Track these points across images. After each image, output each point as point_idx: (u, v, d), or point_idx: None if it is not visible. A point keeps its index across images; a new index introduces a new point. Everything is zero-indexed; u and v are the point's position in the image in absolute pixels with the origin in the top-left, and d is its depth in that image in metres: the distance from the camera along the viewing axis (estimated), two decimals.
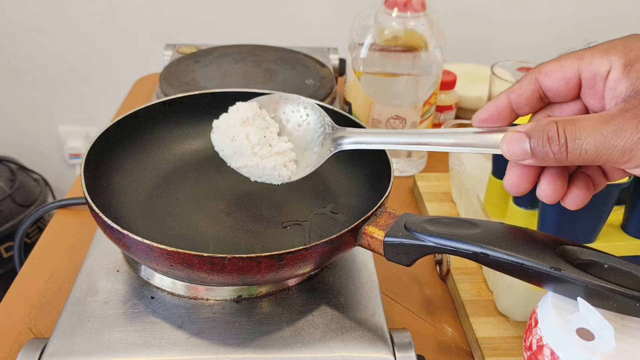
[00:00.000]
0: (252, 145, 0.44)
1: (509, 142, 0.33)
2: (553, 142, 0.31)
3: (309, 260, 0.38)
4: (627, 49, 0.31)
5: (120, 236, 0.38)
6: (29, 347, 0.40)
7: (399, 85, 0.67)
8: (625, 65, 0.30)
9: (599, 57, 0.31)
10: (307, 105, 0.46)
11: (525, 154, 0.32)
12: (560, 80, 0.33)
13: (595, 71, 0.32)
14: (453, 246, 0.37)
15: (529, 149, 0.32)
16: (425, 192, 0.67)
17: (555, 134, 0.31)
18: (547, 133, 0.31)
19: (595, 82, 0.32)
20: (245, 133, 0.44)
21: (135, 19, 1.18)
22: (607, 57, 0.31)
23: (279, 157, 0.45)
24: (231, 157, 0.46)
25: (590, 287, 0.33)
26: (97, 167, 0.47)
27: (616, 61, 0.31)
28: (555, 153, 0.31)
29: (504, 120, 0.36)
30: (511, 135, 0.33)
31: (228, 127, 0.45)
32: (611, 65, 0.31)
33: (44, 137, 1.34)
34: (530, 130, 0.32)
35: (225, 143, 0.46)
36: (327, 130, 0.45)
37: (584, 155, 0.30)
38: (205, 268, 0.37)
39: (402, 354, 0.40)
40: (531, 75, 0.34)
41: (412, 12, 0.64)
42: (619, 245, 0.49)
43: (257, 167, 0.45)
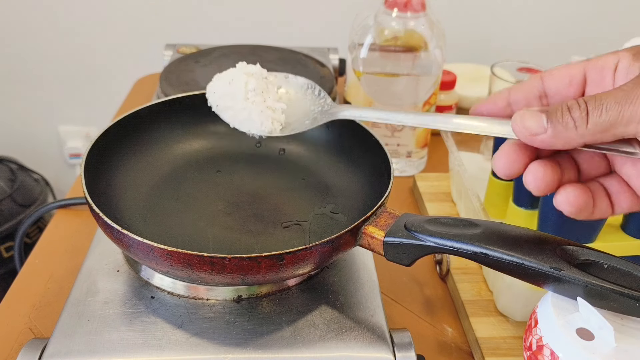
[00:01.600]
0: (246, 91, 0.44)
1: (523, 117, 0.32)
2: (573, 109, 0.30)
3: (308, 260, 0.38)
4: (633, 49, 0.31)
5: (120, 236, 0.38)
6: (29, 347, 0.40)
7: (399, 85, 0.67)
8: (634, 55, 0.31)
9: (606, 56, 0.32)
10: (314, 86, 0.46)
11: (541, 127, 0.31)
12: (564, 78, 0.33)
13: (603, 65, 0.32)
14: (453, 246, 0.37)
15: (545, 122, 0.31)
16: (425, 192, 0.67)
17: (574, 103, 0.30)
18: (566, 104, 0.30)
19: (603, 76, 0.32)
20: (245, 80, 0.44)
21: (135, 19, 1.18)
22: (614, 54, 0.32)
23: (269, 111, 0.44)
24: (220, 98, 0.45)
25: (590, 287, 0.33)
26: (98, 166, 0.47)
27: (624, 54, 0.31)
28: (576, 119, 0.30)
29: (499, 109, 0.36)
30: (525, 111, 0.32)
31: (230, 74, 0.45)
32: (619, 58, 0.31)
33: (44, 137, 1.34)
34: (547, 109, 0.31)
35: (221, 85, 0.45)
36: (325, 108, 0.44)
37: (604, 116, 0.29)
38: (205, 268, 0.37)
39: (402, 354, 0.40)
40: (537, 75, 0.35)
41: (412, 12, 0.64)
42: (619, 245, 0.49)
43: (243, 109, 0.44)
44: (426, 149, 0.73)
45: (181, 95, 0.55)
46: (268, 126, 0.44)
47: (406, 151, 0.71)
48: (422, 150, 0.72)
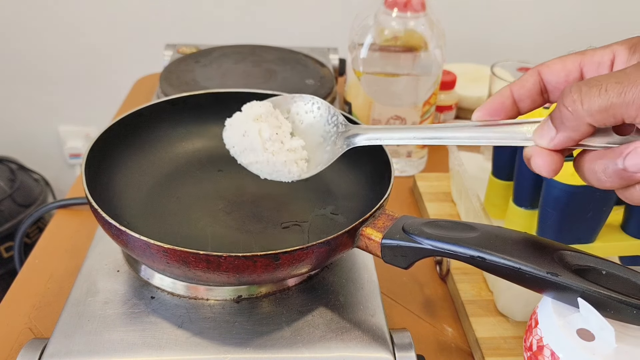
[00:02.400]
0: (263, 141, 0.43)
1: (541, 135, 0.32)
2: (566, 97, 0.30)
3: (305, 260, 0.38)
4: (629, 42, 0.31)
5: (118, 232, 0.38)
6: (29, 347, 0.40)
7: (399, 85, 0.67)
8: (629, 48, 0.31)
9: (602, 50, 0.32)
10: (321, 105, 0.45)
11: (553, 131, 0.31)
12: (561, 72, 0.33)
13: (599, 61, 0.32)
14: (450, 249, 0.37)
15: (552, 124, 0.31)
16: (426, 192, 0.67)
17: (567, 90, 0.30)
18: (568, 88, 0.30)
19: (600, 72, 0.32)
20: (257, 129, 0.43)
21: (135, 19, 1.18)
22: (609, 48, 0.32)
23: (291, 154, 0.44)
24: (242, 153, 0.45)
25: (588, 293, 0.33)
26: (99, 164, 0.47)
27: (619, 49, 0.31)
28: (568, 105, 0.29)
29: (507, 114, 0.35)
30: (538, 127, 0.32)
31: (240, 123, 0.44)
32: (614, 53, 0.31)
33: (44, 137, 1.34)
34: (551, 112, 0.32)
35: (237, 139, 0.45)
36: (340, 129, 0.44)
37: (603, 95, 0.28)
38: (201, 266, 0.37)
39: (402, 354, 0.40)
40: (534, 69, 0.35)
41: (412, 12, 0.64)
42: (619, 245, 0.49)
43: (267, 162, 0.44)
44: (426, 149, 0.73)
45: (185, 94, 0.55)
46: (295, 171, 0.44)
47: (406, 151, 0.71)
48: (422, 150, 0.72)
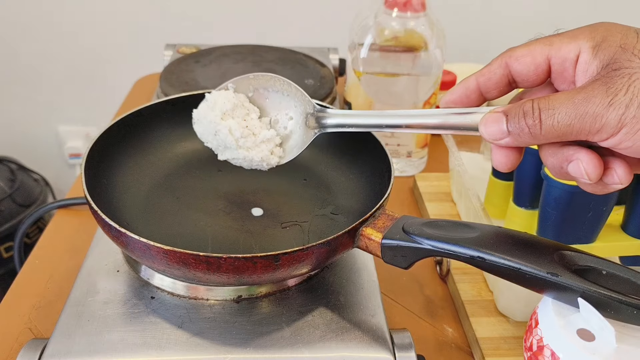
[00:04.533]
0: (235, 139, 0.44)
1: (486, 123, 0.33)
2: (527, 116, 0.31)
3: (305, 261, 0.38)
4: (593, 33, 0.31)
5: (117, 234, 0.38)
6: (29, 347, 0.40)
7: (399, 85, 0.67)
8: (593, 47, 0.31)
9: (568, 43, 0.32)
10: (284, 82, 0.45)
11: (503, 133, 0.32)
12: (530, 66, 0.33)
13: (565, 57, 0.32)
14: (450, 249, 0.37)
15: (506, 127, 0.32)
16: (426, 192, 0.67)
17: (530, 108, 0.31)
18: (522, 108, 0.32)
19: (565, 67, 0.32)
20: (227, 127, 0.44)
21: (135, 19, 1.18)
22: (575, 42, 0.31)
23: (265, 145, 0.44)
24: (217, 149, 0.46)
25: (588, 293, 0.33)
26: (99, 164, 0.47)
27: (584, 44, 0.31)
28: (530, 126, 0.31)
29: (472, 103, 0.36)
30: (489, 116, 0.33)
31: (209, 122, 0.45)
32: (580, 49, 0.31)
33: (44, 137, 1.34)
34: (508, 109, 0.33)
35: (209, 137, 0.45)
36: (309, 110, 0.44)
37: (557, 125, 0.30)
38: (201, 267, 0.37)
39: (402, 354, 0.40)
40: (501, 59, 0.35)
41: (412, 12, 0.64)
42: (619, 245, 0.49)
43: (244, 158, 0.45)
44: (426, 149, 0.73)
45: (185, 94, 0.55)
46: (272, 161, 0.45)
47: (406, 151, 0.71)
48: (422, 150, 0.72)
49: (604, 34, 0.31)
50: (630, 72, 0.29)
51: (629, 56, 0.29)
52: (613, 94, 0.29)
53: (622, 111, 0.29)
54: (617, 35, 0.30)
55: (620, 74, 0.29)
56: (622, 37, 0.30)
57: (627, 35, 0.30)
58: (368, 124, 0.40)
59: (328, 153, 0.55)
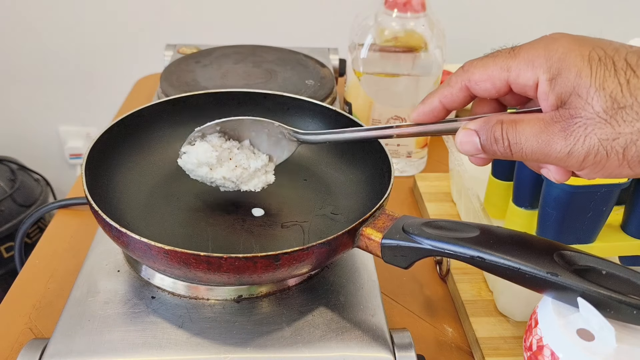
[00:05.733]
0: (232, 179, 0.47)
1: (461, 141, 0.35)
2: (499, 144, 0.33)
3: (305, 261, 0.38)
4: (549, 61, 0.31)
5: (118, 234, 0.38)
6: (29, 347, 0.40)
7: (399, 85, 0.67)
8: (549, 80, 0.31)
9: (525, 70, 0.32)
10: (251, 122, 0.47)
11: (477, 150, 0.34)
12: (491, 90, 0.34)
13: (524, 84, 0.33)
14: (450, 249, 0.37)
15: (480, 146, 0.34)
16: (426, 192, 0.67)
17: (500, 136, 0.33)
18: (493, 134, 0.33)
19: (526, 91, 0.33)
20: (221, 175, 0.47)
21: (136, 19, 1.18)
22: (532, 69, 0.32)
23: (260, 173, 0.47)
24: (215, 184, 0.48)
25: (588, 293, 0.33)
26: (99, 165, 0.47)
27: (541, 75, 0.32)
28: (501, 152, 0.33)
29: (438, 118, 0.38)
30: (464, 133, 0.35)
31: (202, 177, 0.47)
32: (537, 78, 0.32)
33: (44, 137, 1.34)
34: (480, 128, 0.34)
35: (205, 178, 0.48)
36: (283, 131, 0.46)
37: (525, 156, 0.33)
38: (202, 267, 0.37)
39: (402, 354, 0.40)
40: (461, 82, 0.35)
41: (412, 13, 0.64)
42: (619, 245, 0.49)
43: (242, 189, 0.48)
44: (426, 149, 0.73)
45: (185, 94, 0.55)
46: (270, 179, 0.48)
47: (406, 151, 0.71)
48: (422, 150, 0.72)
49: (559, 65, 0.31)
50: (585, 122, 0.30)
51: (583, 104, 0.30)
52: (572, 144, 0.30)
53: (581, 158, 0.30)
54: (572, 70, 0.30)
55: (577, 122, 0.30)
56: (576, 75, 0.30)
57: (581, 72, 0.30)
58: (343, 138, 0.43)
59: (328, 153, 0.55)
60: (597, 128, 0.30)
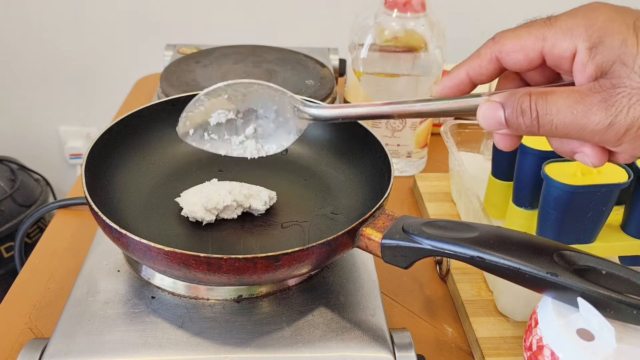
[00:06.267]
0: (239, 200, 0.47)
1: (485, 113, 0.33)
2: (525, 116, 0.31)
3: (305, 261, 0.38)
4: (589, 30, 0.30)
5: (118, 235, 0.38)
6: (29, 347, 0.40)
7: (399, 85, 0.67)
8: (589, 49, 0.29)
9: (562, 39, 0.30)
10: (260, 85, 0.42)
11: (501, 124, 0.32)
12: (523, 62, 0.33)
13: (560, 54, 0.31)
14: (449, 249, 0.37)
15: (504, 119, 0.32)
16: (426, 192, 0.67)
17: (527, 107, 0.31)
18: (520, 105, 0.31)
19: (561, 63, 0.31)
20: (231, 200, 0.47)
21: (136, 19, 1.18)
22: (570, 39, 0.30)
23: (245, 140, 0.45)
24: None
25: (588, 293, 0.33)
26: (99, 165, 0.47)
27: (580, 44, 0.30)
28: (527, 126, 0.31)
29: (464, 92, 0.36)
30: (487, 106, 0.33)
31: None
32: (576, 47, 0.30)
33: (44, 137, 1.34)
34: (506, 100, 0.32)
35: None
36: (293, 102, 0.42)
37: (554, 130, 0.31)
38: (202, 268, 0.37)
39: (402, 353, 0.40)
40: (490, 54, 0.33)
41: (412, 13, 0.64)
42: (618, 245, 0.49)
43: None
44: (426, 149, 0.73)
45: (185, 94, 0.55)
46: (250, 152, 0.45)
47: (406, 151, 0.71)
48: (422, 150, 0.72)
49: (601, 33, 0.29)
50: (630, 92, 0.28)
51: (629, 72, 0.28)
52: (613, 115, 0.29)
53: (622, 131, 0.29)
54: (616, 38, 0.29)
55: (621, 92, 0.28)
56: (621, 43, 0.29)
57: (627, 40, 0.29)
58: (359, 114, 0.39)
59: (328, 153, 0.55)
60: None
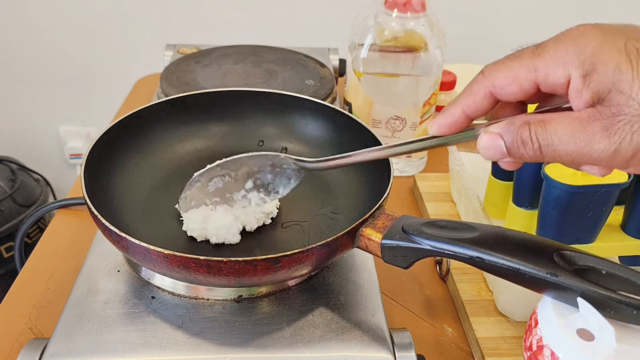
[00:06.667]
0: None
1: (485, 145, 0.33)
2: (527, 147, 0.31)
3: (305, 262, 0.38)
4: (581, 56, 0.29)
5: (118, 238, 0.38)
6: (29, 347, 0.40)
7: (399, 85, 0.67)
8: (583, 77, 0.29)
9: (555, 68, 0.30)
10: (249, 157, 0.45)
11: (502, 154, 0.32)
12: (517, 94, 0.32)
13: (554, 82, 0.30)
14: (449, 250, 0.37)
15: (505, 149, 0.32)
16: (426, 192, 0.67)
17: (528, 138, 0.31)
18: (520, 136, 0.31)
19: (556, 89, 0.31)
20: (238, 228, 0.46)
21: (136, 19, 1.18)
22: (563, 67, 0.30)
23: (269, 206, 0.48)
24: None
25: (588, 293, 0.33)
26: (99, 166, 0.47)
27: (574, 72, 0.29)
28: (530, 156, 0.31)
29: (461, 129, 0.35)
30: (487, 138, 0.33)
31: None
32: (569, 74, 0.30)
33: (44, 137, 1.34)
34: (504, 131, 0.32)
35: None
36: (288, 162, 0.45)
37: (558, 159, 0.31)
38: (202, 271, 0.37)
39: (402, 353, 0.40)
40: (484, 90, 0.33)
41: (412, 13, 0.64)
42: (618, 245, 0.49)
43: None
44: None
45: (184, 94, 0.55)
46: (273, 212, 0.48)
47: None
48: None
49: (593, 59, 0.29)
50: (630, 119, 0.28)
51: (627, 100, 0.28)
52: (617, 142, 0.28)
53: (629, 156, 0.29)
54: (609, 65, 0.28)
55: (621, 120, 0.28)
56: (614, 69, 0.28)
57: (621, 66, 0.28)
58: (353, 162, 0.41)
59: (328, 153, 0.55)
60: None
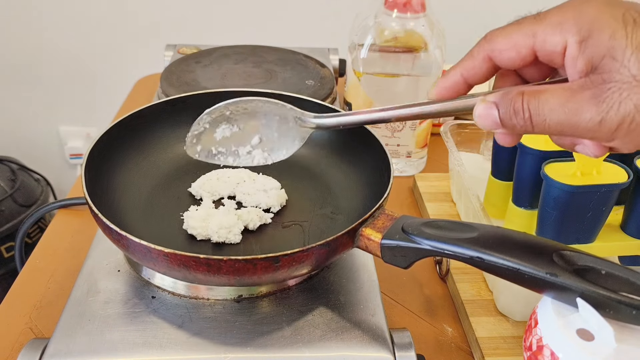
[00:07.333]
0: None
1: (480, 113, 0.33)
2: (518, 116, 0.31)
3: (305, 262, 0.38)
4: (579, 23, 0.30)
5: (118, 237, 0.38)
6: (29, 347, 0.40)
7: (399, 85, 0.67)
8: (579, 43, 0.29)
9: (552, 34, 0.31)
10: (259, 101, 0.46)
11: (496, 124, 0.33)
12: (515, 59, 0.33)
13: (551, 49, 0.31)
14: (449, 250, 0.37)
15: (499, 120, 0.32)
16: (425, 192, 0.67)
17: (520, 108, 0.31)
18: (513, 106, 0.32)
19: (553, 58, 0.32)
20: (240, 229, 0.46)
21: (136, 19, 1.18)
22: (560, 33, 0.30)
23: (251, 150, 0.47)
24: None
25: (587, 293, 0.33)
26: (99, 166, 0.47)
27: (570, 38, 0.30)
28: (521, 126, 0.32)
29: (460, 93, 0.36)
30: (482, 106, 0.33)
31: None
32: (566, 41, 0.30)
33: (44, 137, 1.35)
34: (499, 100, 0.32)
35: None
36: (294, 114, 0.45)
37: (548, 129, 0.31)
38: (202, 269, 0.37)
39: (402, 353, 0.40)
40: (483, 53, 0.34)
41: (412, 13, 0.64)
42: (618, 245, 0.49)
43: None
44: (426, 149, 0.73)
45: (185, 94, 0.55)
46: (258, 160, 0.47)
47: (406, 151, 0.71)
48: (422, 150, 0.72)
49: (590, 26, 0.29)
50: (620, 86, 0.28)
51: (619, 66, 0.28)
52: (605, 111, 0.29)
53: (614, 127, 0.29)
54: (605, 31, 0.29)
55: (611, 87, 0.28)
56: (610, 36, 0.28)
57: (616, 33, 0.28)
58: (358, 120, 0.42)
59: (328, 153, 0.55)
60: (634, 93, 0.28)
